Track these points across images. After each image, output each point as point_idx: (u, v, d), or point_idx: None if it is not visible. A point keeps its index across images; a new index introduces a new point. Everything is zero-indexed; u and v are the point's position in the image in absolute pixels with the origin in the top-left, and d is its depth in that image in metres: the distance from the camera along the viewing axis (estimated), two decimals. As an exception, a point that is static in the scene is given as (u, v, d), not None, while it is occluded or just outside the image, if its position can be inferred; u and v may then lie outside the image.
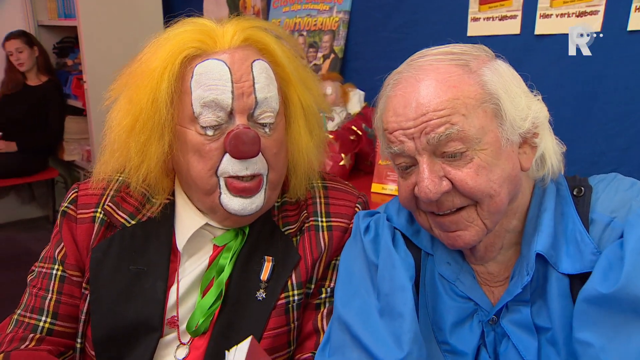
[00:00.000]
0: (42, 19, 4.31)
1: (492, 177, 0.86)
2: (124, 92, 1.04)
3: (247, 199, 1.02)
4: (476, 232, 0.90)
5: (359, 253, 1.03)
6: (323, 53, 2.68)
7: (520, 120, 0.88)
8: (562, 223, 0.91)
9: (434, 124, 0.85)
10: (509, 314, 0.93)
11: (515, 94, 0.89)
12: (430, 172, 0.87)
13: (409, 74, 0.90)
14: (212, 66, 0.99)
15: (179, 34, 1.02)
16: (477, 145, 0.86)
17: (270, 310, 1.05)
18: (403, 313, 0.92)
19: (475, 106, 0.86)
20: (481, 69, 0.88)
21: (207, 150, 1.00)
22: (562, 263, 0.89)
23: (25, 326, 1.08)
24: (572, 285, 0.89)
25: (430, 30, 2.23)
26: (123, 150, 1.04)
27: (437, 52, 0.91)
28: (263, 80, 1.01)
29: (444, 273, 0.99)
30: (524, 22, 1.93)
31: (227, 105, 0.98)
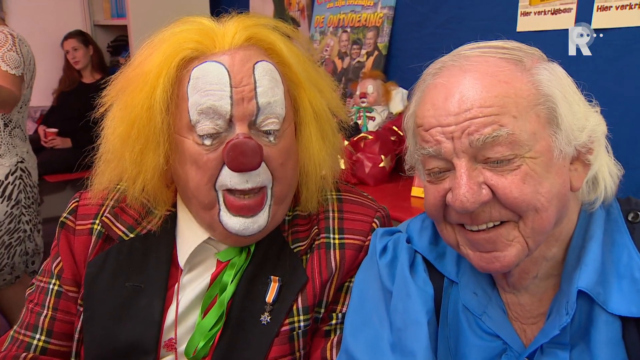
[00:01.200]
0: (98, 19, 4.43)
1: (541, 190, 0.74)
2: (119, 98, 0.97)
3: (249, 219, 0.94)
4: (516, 253, 0.77)
5: (374, 277, 0.93)
6: (367, 50, 2.61)
7: (577, 131, 0.77)
8: (612, 254, 0.78)
9: (480, 122, 0.73)
10: (544, 357, 0.79)
11: (574, 100, 0.78)
12: (468, 178, 0.75)
13: (454, 63, 0.79)
14: (209, 69, 0.91)
15: (175, 35, 0.94)
16: (527, 153, 0.74)
17: (273, 337, 0.96)
18: (415, 352, 0.81)
19: (527, 108, 0.74)
20: (536, 67, 0.77)
21: (204, 161, 0.91)
22: (612, 302, 0.75)
23: (19, 344, 1.03)
24: (624, 330, 0.75)
25: (477, 26, 2.12)
26: (119, 160, 0.97)
27: (486, 45, 0.81)
28: (266, 84, 0.92)
29: (470, 305, 0.87)
30: (579, 15, 1.80)
31: (226, 112, 0.89)
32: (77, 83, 4.23)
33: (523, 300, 0.85)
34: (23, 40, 2.56)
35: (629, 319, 0.74)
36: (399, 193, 1.96)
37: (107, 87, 1.01)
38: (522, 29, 1.97)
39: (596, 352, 0.75)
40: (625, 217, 0.81)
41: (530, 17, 1.95)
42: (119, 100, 0.97)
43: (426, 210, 0.85)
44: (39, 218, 2.78)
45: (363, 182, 2.07)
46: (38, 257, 2.77)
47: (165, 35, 0.96)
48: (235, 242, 1.01)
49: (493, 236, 0.77)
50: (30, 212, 2.67)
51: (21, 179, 2.60)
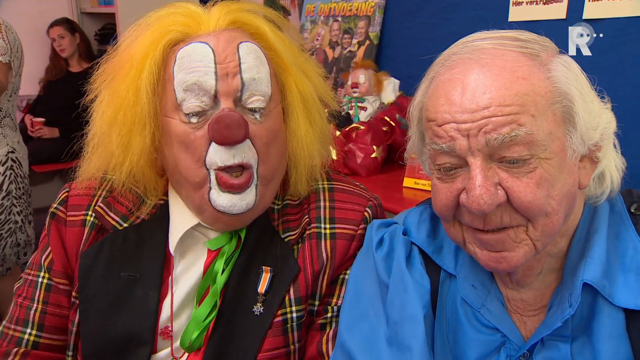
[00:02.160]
0: (85, 6, 4.37)
1: (553, 193, 0.73)
2: (105, 82, 0.97)
3: (237, 195, 0.93)
4: (524, 254, 0.76)
5: (370, 270, 0.92)
6: (358, 39, 2.59)
7: (592, 130, 0.74)
8: (617, 247, 0.77)
9: (498, 121, 0.70)
10: (545, 350, 0.79)
11: (589, 98, 0.75)
12: (484, 178, 0.72)
13: (468, 55, 0.75)
14: (194, 48, 0.92)
15: (161, 18, 0.95)
16: (543, 153, 0.71)
17: (266, 328, 0.95)
18: (412, 347, 0.80)
19: (545, 106, 0.71)
20: (552, 62, 0.74)
21: (192, 140, 0.91)
22: (618, 295, 0.74)
23: (10, 339, 1.01)
24: (628, 323, 0.74)
25: (469, 16, 2.11)
26: (106, 145, 0.96)
27: (500, 36, 0.77)
28: (251, 61, 0.92)
29: (468, 298, 0.86)
30: (571, 5, 1.79)
31: (211, 87, 0.90)
32: (64, 72, 4.17)
33: (525, 296, 0.84)
34: (10, 27, 2.52)
35: (635, 312, 0.74)
36: (391, 184, 1.95)
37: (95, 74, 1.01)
38: (513, 19, 1.97)
39: (598, 345, 0.75)
40: (628, 209, 0.80)
41: (522, 6, 1.94)
42: (106, 85, 0.98)
43: (436, 209, 0.82)
44: (29, 209, 2.75)
45: (355, 172, 2.07)
46: (30, 249, 2.74)
47: (151, 19, 0.97)
48: (225, 226, 1.00)
49: (502, 237, 0.76)
50: (21, 203, 2.63)
51: (12, 169, 2.56)
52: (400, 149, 2.16)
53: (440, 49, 2.61)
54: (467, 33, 2.41)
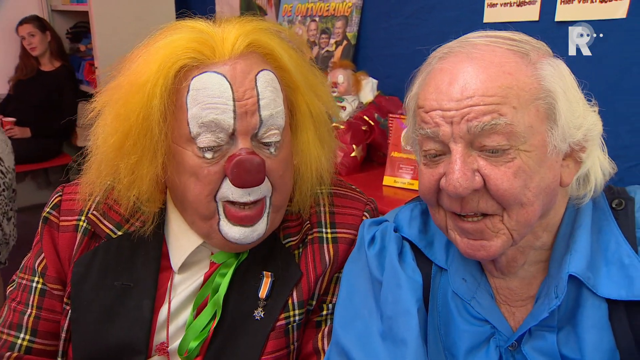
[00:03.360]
0: (56, 4, 4.28)
1: (530, 184, 0.76)
2: (110, 105, 0.93)
3: (248, 228, 0.93)
4: (502, 244, 0.80)
5: (363, 268, 0.94)
6: (335, 39, 2.61)
7: (574, 129, 0.78)
8: (600, 241, 0.81)
9: (480, 110, 0.74)
10: (532, 340, 0.83)
11: (574, 98, 0.79)
12: (463, 163, 0.76)
13: (461, 49, 0.79)
14: (210, 81, 0.87)
15: (173, 42, 0.89)
16: (522, 145, 0.75)
17: (269, 331, 0.96)
18: (406, 340, 0.82)
19: (528, 101, 0.75)
20: (541, 61, 0.78)
21: (205, 174, 0.89)
22: (601, 286, 0.78)
23: (3, 343, 1.00)
24: (611, 313, 0.78)
25: (445, 17, 2.15)
26: (110, 170, 0.94)
27: (494, 35, 0.81)
28: (269, 95, 0.90)
29: (459, 291, 0.89)
30: (544, 7, 1.85)
31: (229, 126, 0.87)
32: (35, 71, 4.10)
33: (512, 285, 0.87)
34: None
35: (617, 303, 0.78)
36: (371, 182, 1.98)
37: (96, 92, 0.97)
38: (488, 20, 2.01)
39: (583, 334, 0.78)
40: (610, 205, 0.84)
41: (496, 8, 1.99)
42: (110, 108, 0.93)
43: (420, 193, 0.86)
44: (10, 205, 2.68)
45: (335, 171, 2.09)
46: (5, 247, 2.67)
47: (160, 43, 0.91)
48: (233, 250, 0.99)
49: (481, 226, 0.79)
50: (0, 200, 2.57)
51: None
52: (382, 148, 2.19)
53: (416, 49, 2.64)
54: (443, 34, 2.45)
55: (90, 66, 3.87)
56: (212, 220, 0.93)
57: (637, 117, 1.63)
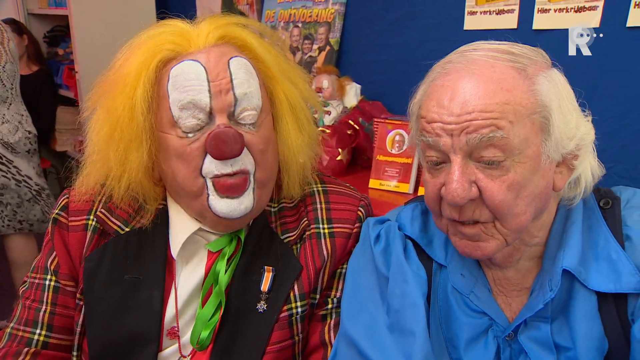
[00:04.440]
0: (32, 8, 4.24)
1: (523, 195, 0.82)
2: (100, 101, 1.01)
3: (235, 200, 0.98)
4: (496, 246, 0.87)
5: (368, 263, 0.99)
6: (318, 45, 2.66)
7: (567, 140, 0.83)
8: (590, 238, 0.87)
9: (478, 124, 0.80)
10: (527, 330, 0.89)
11: (568, 110, 0.84)
12: (461, 174, 0.82)
13: (461, 65, 0.84)
14: (187, 67, 0.96)
15: (152, 37, 0.99)
16: (517, 157, 0.81)
17: (273, 323, 1.02)
18: (414, 331, 0.87)
19: (524, 115, 0.80)
20: (538, 76, 0.83)
21: (188, 152, 0.96)
22: (592, 280, 0.85)
23: (20, 340, 1.05)
24: (600, 304, 0.85)
25: (427, 24, 2.21)
26: (104, 161, 1.00)
27: (493, 49, 0.85)
28: (242, 76, 0.97)
29: (458, 285, 0.95)
30: (522, 16, 1.92)
31: (206, 104, 0.95)
32: (12, 75, 4.04)
33: (508, 275, 0.93)
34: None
35: (606, 295, 0.84)
36: (356, 185, 1.98)
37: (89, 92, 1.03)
38: (468, 28, 2.08)
39: (575, 324, 0.85)
40: (599, 204, 0.90)
41: (476, 16, 2.06)
42: (101, 104, 1.01)
43: (426, 201, 0.92)
44: None
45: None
46: None
47: (142, 39, 1.00)
48: (226, 227, 1.05)
49: (476, 231, 0.86)
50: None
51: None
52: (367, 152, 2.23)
53: (398, 55, 2.70)
54: (425, 41, 2.52)
55: (69, 70, 3.85)
56: (202, 197, 0.99)
57: (612, 121, 1.71)
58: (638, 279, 0.81)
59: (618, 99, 1.70)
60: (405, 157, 1.96)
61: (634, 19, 1.64)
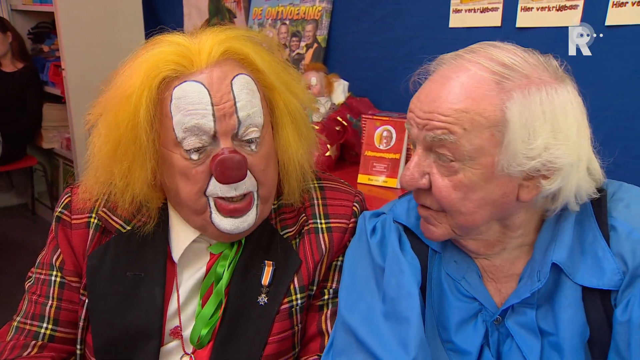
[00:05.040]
0: (16, 4, 4.20)
1: (472, 197, 0.87)
2: (102, 117, 1.02)
3: (239, 219, 1.01)
4: (442, 233, 0.94)
5: (364, 255, 1.04)
6: (306, 42, 2.69)
7: (524, 158, 0.84)
8: (580, 234, 0.91)
9: (434, 124, 0.86)
10: (514, 315, 0.94)
11: (535, 132, 0.83)
12: (416, 164, 0.90)
13: (447, 67, 0.89)
14: (190, 89, 0.96)
15: (154, 56, 0.99)
16: (469, 162, 0.85)
17: (274, 315, 1.06)
18: (409, 318, 0.92)
19: (483, 126, 0.83)
20: (513, 93, 0.83)
21: (193, 174, 0.98)
22: (578, 274, 0.89)
23: (27, 333, 1.08)
24: (585, 295, 0.89)
25: (413, 22, 2.26)
26: (107, 176, 1.02)
27: (489, 56, 0.86)
28: (244, 97, 0.98)
29: (450, 271, 1.00)
30: (505, 14, 1.97)
31: (210, 128, 0.96)
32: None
33: (496, 262, 0.98)
34: None
35: (590, 288, 0.89)
36: (345, 180, 2.05)
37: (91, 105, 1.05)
38: (453, 25, 2.13)
39: (559, 312, 0.90)
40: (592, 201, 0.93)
41: (461, 14, 2.10)
42: (102, 119, 1.01)
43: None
44: None
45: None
46: None
47: (144, 57, 0.99)
48: (227, 239, 1.08)
49: (429, 215, 0.95)
50: None
51: None
52: (355, 147, 2.26)
53: (385, 52, 2.74)
54: (411, 38, 2.56)
55: (56, 67, 3.83)
56: (205, 214, 1.02)
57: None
58: (620, 277, 0.86)
59: (595, 95, 1.76)
60: (393, 152, 2.01)
61: (613, 18, 1.69)
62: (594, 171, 0.91)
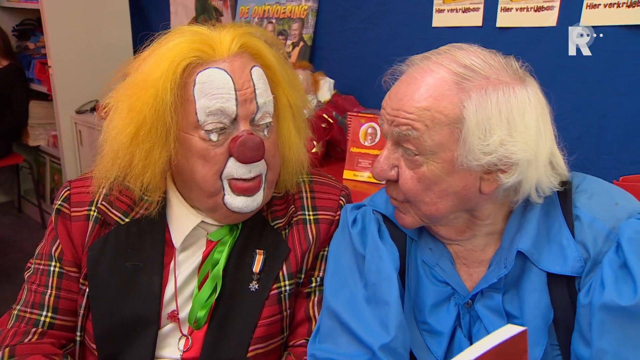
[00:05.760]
0: (1, 0, 4.19)
1: (434, 188, 0.94)
2: (124, 101, 1.06)
3: (250, 197, 1.08)
4: (411, 221, 1.01)
5: (347, 245, 1.10)
6: (292, 41, 2.73)
7: (480, 153, 0.89)
8: (546, 223, 0.97)
9: (399, 121, 0.93)
10: (483, 299, 1.01)
11: (491, 129, 0.89)
12: (386, 157, 0.97)
13: (415, 68, 0.95)
14: (214, 75, 1.03)
15: (178, 44, 1.04)
16: (431, 156, 0.92)
17: (264, 300, 1.12)
18: (389, 301, 0.99)
19: (443, 123, 0.90)
20: (472, 92, 0.89)
21: (212, 156, 1.04)
22: (542, 261, 0.95)
23: (27, 321, 1.13)
24: (550, 281, 0.95)
25: (397, 21, 2.32)
26: (126, 157, 1.06)
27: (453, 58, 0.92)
28: (261, 86, 1.06)
29: (425, 258, 1.06)
30: (486, 14, 2.03)
31: (233, 112, 1.03)
32: (-18, 69, 3.99)
33: (468, 248, 1.04)
34: None
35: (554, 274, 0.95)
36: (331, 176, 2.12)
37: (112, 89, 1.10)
38: (437, 25, 2.19)
39: (524, 296, 0.97)
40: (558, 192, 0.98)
41: (444, 14, 2.16)
42: (124, 103, 1.06)
43: None
44: None
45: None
46: None
47: (168, 45, 1.05)
48: (233, 220, 1.14)
49: (400, 206, 1.02)
50: None
51: None
52: (341, 144, 2.31)
53: (370, 50, 2.80)
54: (395, 37, 2.61)
55: (42, 65, 3.83)
56: (217, 196, 1.08)
57: (566, 115, 1.83)
58: (581, 265, 0.93)
59: (573, 94, 1.83)
60: (378, 149, 2.06)
61: (587, 19, 1.76)
62: (557, 166, 0.97)
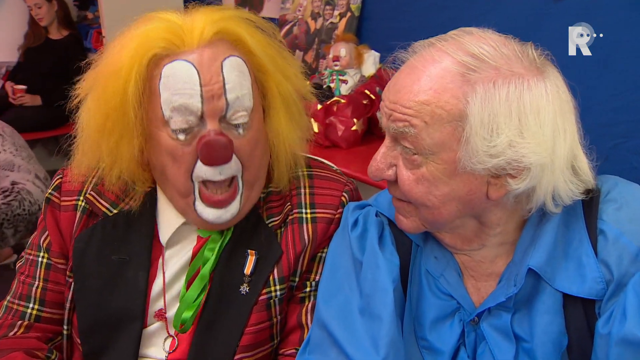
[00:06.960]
0: (62, -30, 4.29)
1: (435, 192, 0.83)
2: (91, 91, 1.00)
3: (222, 209, 1.00)
4: (412, 225, 0.91)
5: (346, 248, 1.01)
6: (339, 11, 2.63)
7: (485, 156, 0.78)
8: (565, 236, 0.85)
9: (396, 116, 0.82)
10: (490, 317, 0.90)
11: (497, 128, 0.77)
12: (383, 155, 0.87)
13: (417, 56, 0.84)
14: (179, 68, 0.94)
15: (145, 32, 0.96)
16: (431, 157, 0.82)
17: (252, 305, 1.04)
18: (382, 316, 0.89)
19: (444, 120, 0.79)
20: (478, 85, 0.78)
21: (180, 155, 0.97)
22: (557, 280, 0.84)
23: (14, 313, 1.10)
24: (565, 302, 0.84)
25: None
26: (95, 151, 1.01)
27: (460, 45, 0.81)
28: (234, 79, 0.96)
29: (430, 268, 0.96)
30: None
31: (197, 109, 0.94)
32: (43, 39, 4.12)
33: (477, 257, 0.93)
34: None
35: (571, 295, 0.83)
36: (371, 155, 2.00)
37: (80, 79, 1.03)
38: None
39: (535, 317, 0.85)
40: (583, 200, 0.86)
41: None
42: (92, 92, 1.00)
43: None
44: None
45: (336, 144, 2.13)
46: None
47: (135, 32, 0.98)
48: (210, 228, 1.07)
49: (401, 206, 0.91)
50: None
51: None
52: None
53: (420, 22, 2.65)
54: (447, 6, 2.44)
55: (98, 34, 3.90)
56: (189, 198, 1.01)
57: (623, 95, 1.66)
58: (602, 287, 0.81)
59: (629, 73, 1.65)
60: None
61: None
62: (580, 171, 0.83)
